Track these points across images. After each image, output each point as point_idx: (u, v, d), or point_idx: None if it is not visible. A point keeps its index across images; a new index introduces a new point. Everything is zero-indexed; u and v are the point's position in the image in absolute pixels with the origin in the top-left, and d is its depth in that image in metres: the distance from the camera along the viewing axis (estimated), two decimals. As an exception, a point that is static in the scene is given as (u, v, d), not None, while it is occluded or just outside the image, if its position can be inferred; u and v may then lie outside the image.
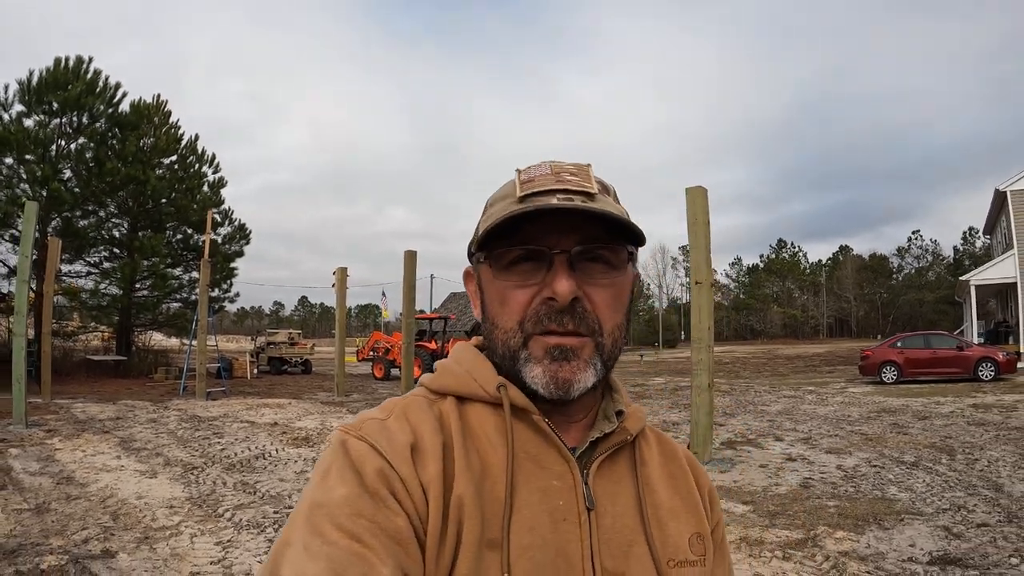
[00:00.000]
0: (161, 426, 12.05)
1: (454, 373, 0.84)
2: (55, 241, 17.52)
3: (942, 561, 4.76)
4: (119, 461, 8.56)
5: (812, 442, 9.99)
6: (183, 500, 6.61)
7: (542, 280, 0.76)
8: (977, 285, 28.20)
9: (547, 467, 0.78)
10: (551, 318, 0.76)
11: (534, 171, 0.81)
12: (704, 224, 8.91)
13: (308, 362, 32.23)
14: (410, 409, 0.80)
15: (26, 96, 22.95)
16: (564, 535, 0.75)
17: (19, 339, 11.45)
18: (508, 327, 0.78)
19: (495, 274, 0.79)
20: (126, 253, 26.47)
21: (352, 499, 0.67)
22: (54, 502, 6.38)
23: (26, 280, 11.69)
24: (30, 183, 22.71)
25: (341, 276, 18.25)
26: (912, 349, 20.52)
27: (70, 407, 14.79)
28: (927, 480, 7.25)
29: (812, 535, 5.40)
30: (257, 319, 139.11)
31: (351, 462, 0.71)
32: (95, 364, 25.41)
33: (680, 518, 0.85)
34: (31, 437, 10.30)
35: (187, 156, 28.19)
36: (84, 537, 5.26)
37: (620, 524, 0.79)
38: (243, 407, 15.63)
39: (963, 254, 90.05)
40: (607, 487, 0.81)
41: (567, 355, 0.76)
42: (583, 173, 0.80)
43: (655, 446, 0.92)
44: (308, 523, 0.66)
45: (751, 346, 70.59)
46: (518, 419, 0.79)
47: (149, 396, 18.24)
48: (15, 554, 4.81)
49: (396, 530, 0.67)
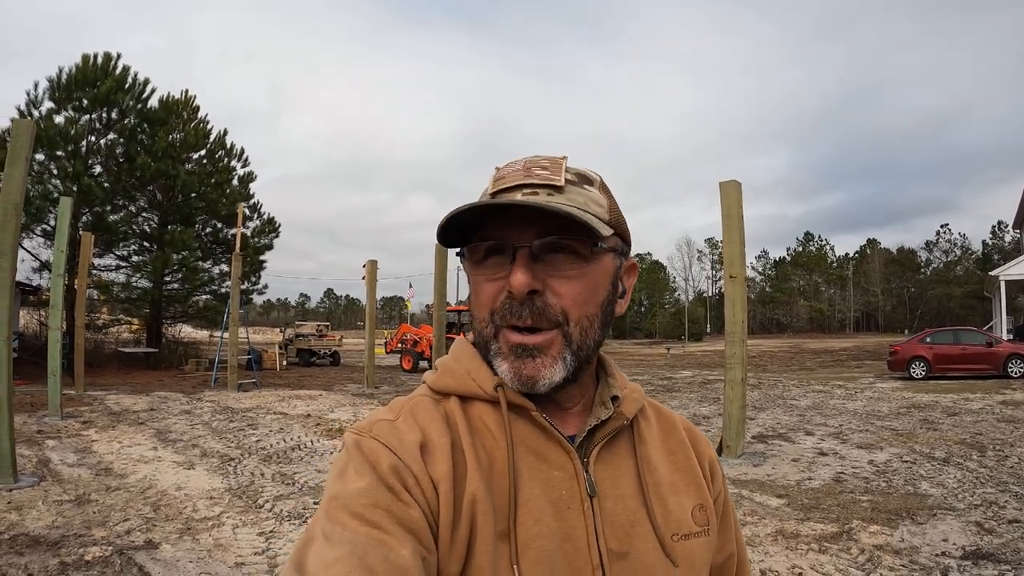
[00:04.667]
0: (195, 417, 12.25)
1: (454, 374, 0.86)
2: (88, 236, 17.78)
3: (975, 556, 4.76)
4: (156, 452, 8.72)
5: (843, 437, 9.92)
6: (223, 491, 6.72)
7: (507, 274, 0.78)
8: (1007, 280, 27.74)
9: (548, 459, 0.80)
10: (511, 312, 0.78)
11: (508, 168, 0.83)
12: (738, 218, 8.87)
13: (337, 354, 32.36)
14: (417, 410, 0.82)
15: (56, 93, 23.36)
16: (569, 522, 0.78)
17: (55, 332, 11.67)
18: (481, 318, 0.82)
19: (471, 267, 0.83)
20: (156, 247, 26.89)
21: (369, 491, 0.70)
22: (94, 493, 6.51)
23: (61, 274, 11.90)
24: (61, 179, 23.12)
25: (371, 269, 18.40)
26: (941, 345, 20.18)
27: (104, 399, 15.09)
28: (958, 476, 7.20)
29: (847, 529, 5.40)
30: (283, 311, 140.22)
31: (366, 459, 0.73)
32: (126, 356, 25.85)
33: (681, 492, 0.88)
34: (67, 428, 10.53)
35: (216, 151, 28.55)
36: (127, 528, 5.37)
37: (622, 506, 0.82)
38: (275, 398, 15.85)
39: (992, 248, 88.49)
40: (608, 471, 0.83)
41: (531, 353, 0.78)
42: (555, 166, 0.81)
43: (654, 422, 0.94)
44: (327, 515, 0.69)
45: (777, 340, 70.04)
46: (517, 415, 0.82)
47: (181, 388, 18.54)
48: (58, 545, 4.90)
49: (411, 520, 0.69)
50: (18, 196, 6.93)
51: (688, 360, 37.28)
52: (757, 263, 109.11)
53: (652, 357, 41.27)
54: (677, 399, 16.08)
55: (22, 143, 6.99)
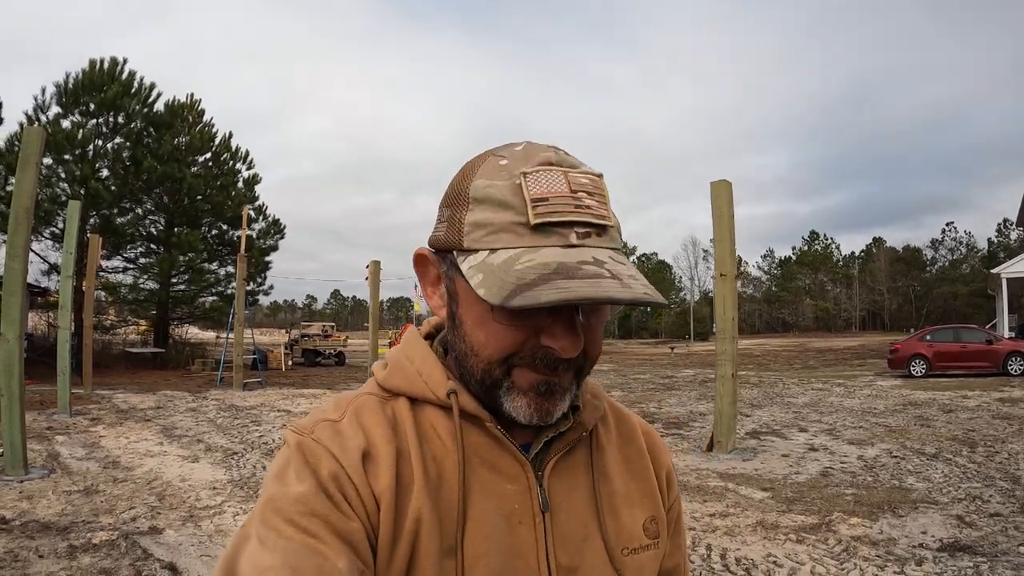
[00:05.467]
0: (201, 415, 12.54)
1: (404, 373, 0.81)
2: (96, 238, 18.11)
3: (951, 548, 4.84)
4: (162, 447, 8.99)
5: (835, 433, 10.06)
6: (225, 482, 6.98)
7: (540, 323, 0.71)
8: (1009, 278, 27.72)
9: (501, 471, 0.77)
10: (547, 364, 0.72)
11: (545, 182, 0.70)
12: (728, 218, 9.06)
13: (342, 354, 32.67)
14: (362, 411, 0.78)
15: (63, 98, 23.72)
16: (519, 538, 0.75)
17: (64, 332, 11.97)
18: (491, 359, 0.74)
19: (481, 299, 0.69)
20: (163, 249, 27.23)
21: (307, 497, 0.67)
22: (102, 484, 6.77)
23: (71, 276, 12.18)
24: (69, 182, 23.49)
25: (374, 269, 18.57)
26: (941, 343, 20.30)
27: (111, 397, 15.38)
28: (946, 471, 7.30)
29: (826, 520, 5.53)
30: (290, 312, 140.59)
31: (306, 462, 0.71)
32: (133, 356, 26.20)
33: (635, 504, 0.86)
34: (76, 425, 10.81)
35: (221, 154, 28.90)
36: (132, 516, 5.63)
37: (574, 520, 0.80)
38: (279, 397, 16.13)
39: (998, 246, 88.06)
40: (562, 484, 0.81)
41: (553, 390, 0.74)
42: (599, 192, 0.73)
43: (613, 429, 0.90)
44: (263, 518, 0.67)
45: (783, 339, 69.94)
46: (471, 424, 0.78)
47: (187, 387, 18.82)
48: (68, 531, 5.16)
49: (349, 532, 0.67)
50: (29, 200, 7.17)
51: (692, 359, 37.37)
52: (763, 262, 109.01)
53: (656, 356, 41.38)
54: (676, 396, 16.26)
55: (32, 149, 7.23)
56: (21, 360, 7.11)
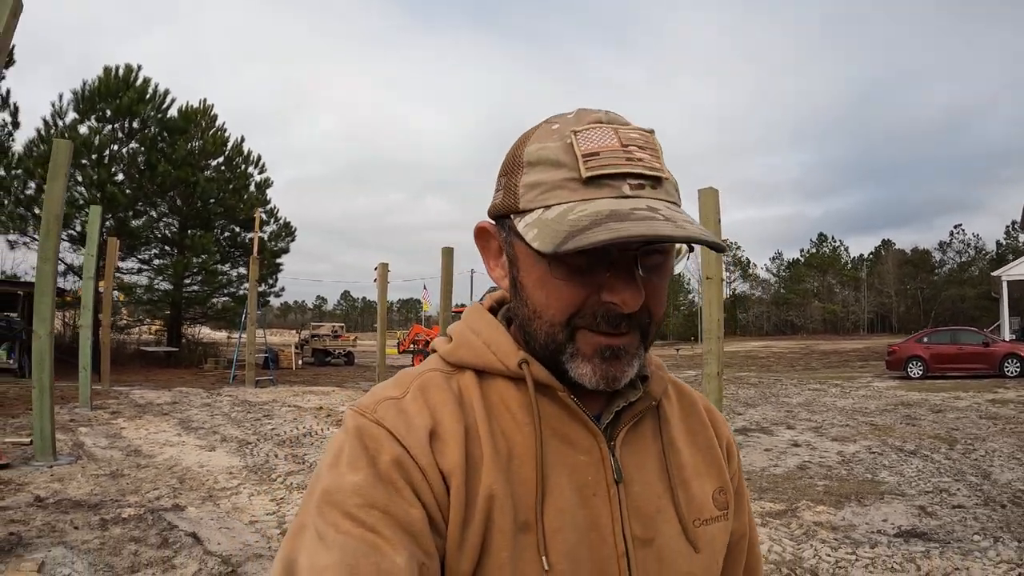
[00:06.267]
0: (215, 409, 13.11)
1: (471, 345, 0.80)
2: (114, 241, 18.64)
3: (908, 534, 5.14)
4: (180, 438, 9.56)
5: (821, 431, 10.32)
6: (240, 468, 7.55)
7: (601, 278, 0.70)
8: (1009, 280, 27.69)
9: (574, 443, 0.75)
10: (609, 322, 0.71)
11: (596, 137, 0.71)
12: (715, 223, 9.44)
13: (351, 354, 33.19)
14: (428, 387, 0.76)
15: (80, 105, 24.41)
16: (594, 510, 0.74)
17: (85, 330, 12.52)
18: (554, 321, 0.73)
19: (539, 258, 0.71)
20: (176, 251, 27.88)
21: (365, 488, 0.65)
22: (126, 469, 7.33)
23: (92, 277, 12.73)
24: (87, 186, 24.13)
25: (383, 271, 18.98)
26: (938, 344, 20.49)
27: (128, 393, 15.94)
28: (920, 466, 7.55)
29: (793, 507, 5.91)
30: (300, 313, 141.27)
31: (365, 448, 0.68)
32: (148, 355, 26.82)
33: (703, 475, 0.85)
34: (97, 418, 11.35)
35: (233, 158, 29.51)
36: (156, 495, 6.19)
37: (648, 491, 0.78)
38: (290, 394, 16.70)
39: (1006, 248, 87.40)
40: (634, 455, 0.79)
41: (618, 354, 0.72)
42: (651, 146, 0.73)
43: (675, 401, 0.90)
44: (320, 511, 0.65)
45: (790, 341, 69.67)
46: (542, 395, 0.76)
47: (201, 384, 19.38)
48: (98, 507, 5.71)
49: (410, 521, 0.65)
50: (59, 208, 7.71)
51: (696, 360, 37.49)
52: (772, 264, 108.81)
53: (662, 358, 41.39)
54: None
55: (61, 160, 7.76)
56: (51, 353, 7.65)
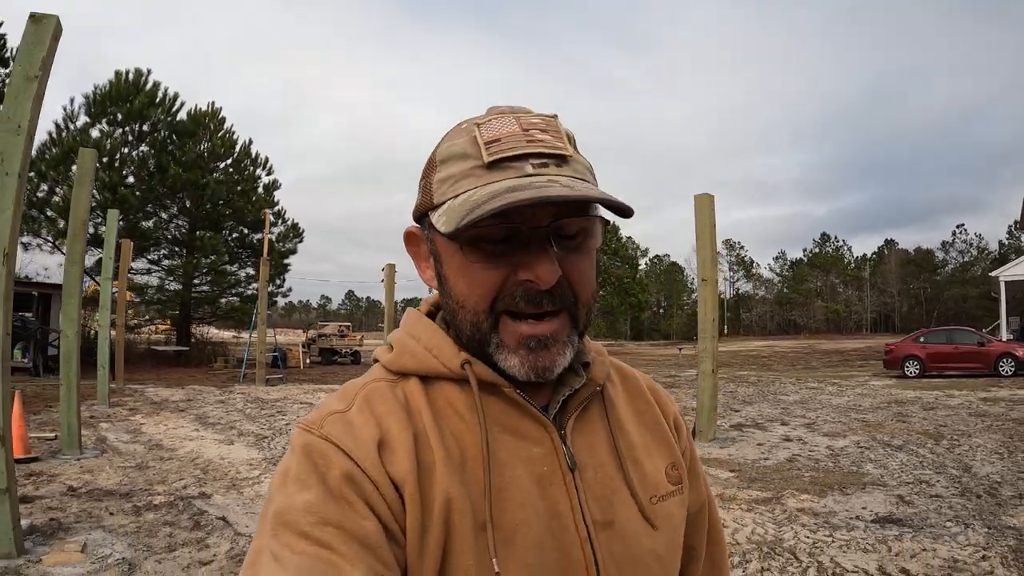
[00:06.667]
0: (230, 406, 13.57)
1: (412, 352, 0.79)
2: (127, 243, 19.10)
3: (884, 520, 5.42)
4: (199, 433, 10.01)
5: (814, 427, 10.60)
6: (259, 460, 7.99)
7: (516, 259, 0.71)
8: (1007, 281, 27.79)
9: (526, 436, 0.76)
10: (528, 300, 0.71)
11: (497, 126, 0.73)
12: (710, 227, 9.93)
13: (357, 353, 33.63)
14: (373, 397, 0.76)
15: (91, 109, 24.90)
16: (553, 499, 0.74)
17: (103, 330, 13.00)
18: (477, 309, 0.73)
19: (456, 247, 0.73)
20: (186, 252, 28.35)
21: (317, 505, 0.65)
22: (151, 461, 7.76)
23: (109, 278, 13.19)
24: (98, 189, 24.54)
25: (390, 272, 19.39)
26: (934, 344, 20.75)
27: (143, 391, 16.41)
28: (904, 460, 7.83)
29: (778, 495, 6.25)
30: (305, 313, 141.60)
31: (314, 465, 0.68)
32: (158, 354, 27.29)
33: (654, 453, 0.86)
34: (115, 414, 11.79)
35: (241, 160, 30.03)
36: (183, 484, 6.63)
37: (602, 475, 0.79)
38: (300, 391, 17.18)
39: (1009, 248, 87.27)
40: (584, 441, 0.80)
41: (544, 344, 0.73)
42: (553, 128, 0.74)
43: (619, 384, 0.90)
44: (274, 533, 0.64)
45: (792, 341, 69.69)
46: (488, 393, 0.76)
47: (212, 382, 19.83)
48: (129, 495, 6.13)
49: (365, 535, 0.65)
50: (85, 213, 8.15)
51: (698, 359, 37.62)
52: (775, 264, 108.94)
53: (664, 357, 41.45)
54: (674, 394, 16.89)
55: (87, 167, 8.19)
56: (78, 351, 8.06)
